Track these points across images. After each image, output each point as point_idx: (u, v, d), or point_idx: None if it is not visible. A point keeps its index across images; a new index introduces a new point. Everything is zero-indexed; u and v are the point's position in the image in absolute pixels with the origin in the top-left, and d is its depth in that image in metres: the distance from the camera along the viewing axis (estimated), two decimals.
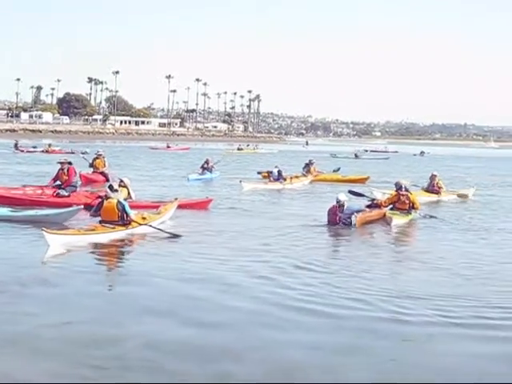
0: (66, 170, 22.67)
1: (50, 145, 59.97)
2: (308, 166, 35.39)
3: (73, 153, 47.09)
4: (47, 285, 10.68)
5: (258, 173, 36.95)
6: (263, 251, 13.99)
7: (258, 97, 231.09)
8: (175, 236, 15.36)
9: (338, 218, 17.32)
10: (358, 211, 18.03)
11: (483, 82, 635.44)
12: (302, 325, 8.80)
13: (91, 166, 30.34)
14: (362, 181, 34.98)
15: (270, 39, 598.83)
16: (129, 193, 18.51)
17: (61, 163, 23.12)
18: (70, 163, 23.16)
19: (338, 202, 17.51)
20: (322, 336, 8.37)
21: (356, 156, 70.98)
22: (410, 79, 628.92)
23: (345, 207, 17.55)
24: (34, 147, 61.32)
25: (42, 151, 56.72)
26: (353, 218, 17.48)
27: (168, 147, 78.92)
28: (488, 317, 9.34)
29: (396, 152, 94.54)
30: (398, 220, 18.73)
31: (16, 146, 60.42)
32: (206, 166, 35.24)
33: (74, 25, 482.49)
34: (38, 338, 7.96)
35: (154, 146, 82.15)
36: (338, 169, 39.92)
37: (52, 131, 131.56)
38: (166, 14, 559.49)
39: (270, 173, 31.68)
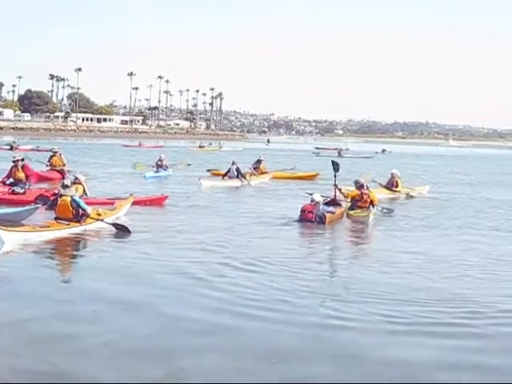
0: (20, 167, 22.58)
1: (14, 142, 59.74)
2: (258, 163, 35.35)
3: (39, 150, 46.63)
4: (4, 282, 10.65)
5: (208, 170, 36.95)
6: (211, 250, 13.92)
7: (220, 94, 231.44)
8: (126, 231, 15.48)
9: (313, 217, 17.97)
10: (327, 211, 18.66)
11: (444, 81, 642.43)
12: (245, 328, 8.70)
13: (48, 164, 29.80)
14: (312, 177, 36.15)
15: (232, 37, 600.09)
16: (84, 189, 18.52)
17: (15, 161, 22.97)
18: (23, 160, 23.08)
19: (312, 201, 18.32)
20: (267, 340, 8.33)
21: (339, 154, 71.47)
22: (372, 78, 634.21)
23: (321, 206, 18.36)
24: (7, 145, 60.60)
25: (6, 149, 56.12)
26: (322, 216, 18.12)
27: (140, 145, 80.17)
28: (434, 320, 9.30)
29: (348, 149, 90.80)
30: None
31: None
32: (159, 163, 34.50)
33: (37, 22, 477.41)
34: None
35: (127, 144, 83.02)
36: (292, 168, 40.23)
37: (13, 128, 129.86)
38: (129, 11, 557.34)
39: (227, 172, 31.49)
